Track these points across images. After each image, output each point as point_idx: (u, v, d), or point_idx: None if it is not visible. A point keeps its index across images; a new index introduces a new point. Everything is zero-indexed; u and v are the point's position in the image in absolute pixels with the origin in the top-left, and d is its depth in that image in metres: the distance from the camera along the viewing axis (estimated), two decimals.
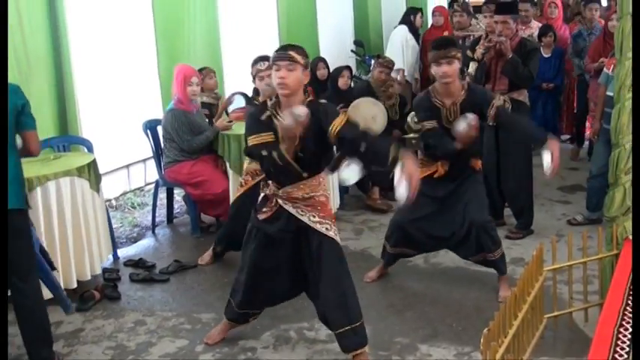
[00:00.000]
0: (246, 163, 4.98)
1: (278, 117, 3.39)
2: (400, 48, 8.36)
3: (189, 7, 6.68)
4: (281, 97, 3.44)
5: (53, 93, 5.45)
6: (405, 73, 7.88)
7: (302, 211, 3.55)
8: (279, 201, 3.56)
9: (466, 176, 4.43)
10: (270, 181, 3.59)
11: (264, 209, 3.61)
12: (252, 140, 3.45)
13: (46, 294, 4.44)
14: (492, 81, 5.44)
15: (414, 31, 8.59)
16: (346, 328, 3.58)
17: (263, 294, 3.83)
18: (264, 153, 3.40)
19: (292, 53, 3.37)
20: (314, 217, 3.55)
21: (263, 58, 5.55)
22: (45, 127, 5.33)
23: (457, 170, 4.42)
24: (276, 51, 3.44)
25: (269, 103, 3.50)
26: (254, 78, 5.32)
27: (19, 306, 3.65)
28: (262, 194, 3.65)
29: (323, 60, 7.28)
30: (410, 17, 8.68)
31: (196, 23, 6.76)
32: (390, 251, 4.74)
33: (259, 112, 3.51)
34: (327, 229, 3.56)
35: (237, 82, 7.15)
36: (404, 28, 8.55)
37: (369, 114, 6.45)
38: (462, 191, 4.41)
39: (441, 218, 4.46)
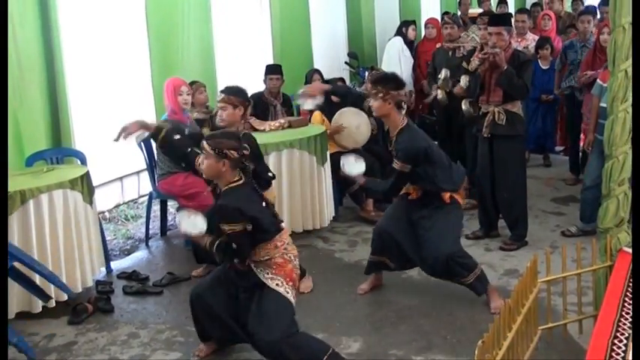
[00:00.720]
0: None
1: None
2: (397, 59, 8.37)
3: (183, 20, 6.69)
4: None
5: (46, 105, 5.45)
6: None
7: (259, 269, 3.67)
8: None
9: (439, 206, 4.46)
10: None
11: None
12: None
13: (37, 306, 4.43)
14: (487, 92, 5.45)
15: (407, 42, 8.62)
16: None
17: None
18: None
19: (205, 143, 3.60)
20: (267, 273, 3.65)
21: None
22: (38, 138, 5.33)
23: (428, 198, 4.48)
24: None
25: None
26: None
27: None
28: None
29: (318, 71, 7.32)
30: (402, 29, 8.72)
31: (190, 35, 6.77)
32: (370, 259, 4.78)
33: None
34: (277, 284, 3.64)
35: None
36: (399, 39, 8.58)
37: (353, 124, 6.48)
38: (434, 220, 4.44)
39: (413, 241, 4.50)
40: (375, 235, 4.69)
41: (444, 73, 6.65)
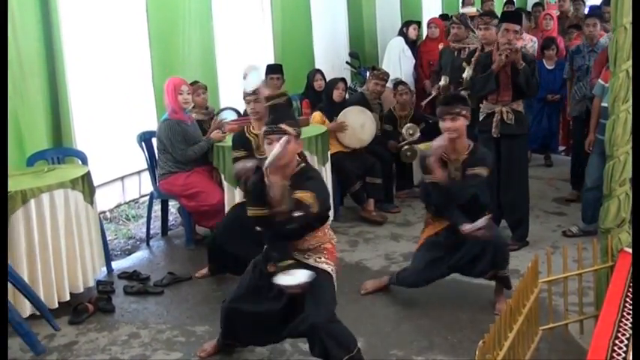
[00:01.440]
0: None
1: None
2: (397, 59, 8.38)
3: (184, 19, 6.70)
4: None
5: (47, 105, 5.45)
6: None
7: (307, 255, 3.65)
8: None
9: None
10: None
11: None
12: (253, 212, 3.51)
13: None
14: (497, 91, 5.39)
15: (410, 42, 8.61)
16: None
17: (244, 330, 3.80)
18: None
19: (284, 126, 3.43)
20: (319, 258, 3.65)
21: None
22: (39, 138, 5.34)
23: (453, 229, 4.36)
24: (268, 125, 3.48)
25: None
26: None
27: None
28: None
29: (320, 71, 7.35)
30: (404, 29, 8.73)
31: (191, 35, 6.78)
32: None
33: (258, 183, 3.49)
34: (331, 269, 3.66)
35: (232, 94, 7.16)
36: (400, 39, 8.59)
37: (358, 122, 6.49)
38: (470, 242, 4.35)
39: (454, 253, 4.39)
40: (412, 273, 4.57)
41: (443, 81, 6.66)
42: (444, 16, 9.26)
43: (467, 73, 5.57)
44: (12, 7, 4.97)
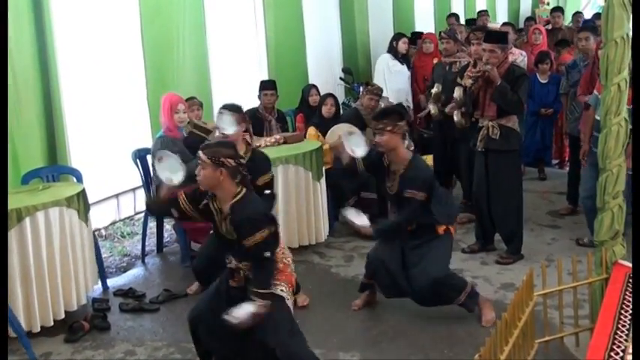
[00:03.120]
0: None
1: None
2: (382, 76, 8.38)
3: (179, 37, 6.72)
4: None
5: (42, 122, 5.45)
6: (391, 100, 7.87)
7: None
8: (242, 273, 3.57)
9: (432, 237, 4.48)
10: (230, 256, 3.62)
11: (234, 279, 3.62)
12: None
13: (36, 325, 4.42)
14: (481, 108, 5.48)
15: (402, 56, 8.58)
16: None
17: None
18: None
19: (200, 153, 3.52)
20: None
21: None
22: (34, 156, 5.33)
23: (422, 230, 4.49)
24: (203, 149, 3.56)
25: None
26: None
27: None
28: (228, 266, 3.65)
29: (315, 87, 7.41)
30: (393, 43, 8.67)
31: (185, 52, 6.80)
32: (362, 280, 4.84)
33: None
34: (281, 290, 3.61)
35: None
36: (385, 56, 8.57)
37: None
38: (425, 250, 4.45)
39: (405, 272, 4.49)
40: (368, 260, 4.72)
41: (435, 89, 6.70)
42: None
43: (457, 93, 5.63)
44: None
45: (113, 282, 5.55)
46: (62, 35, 5.64)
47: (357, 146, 4.58)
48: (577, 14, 10.19)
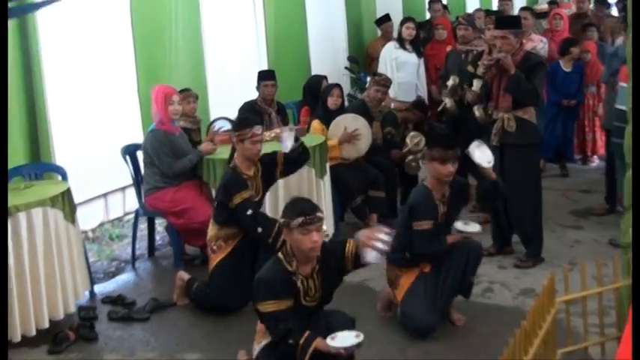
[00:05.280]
0: (215, 230, 4.96)
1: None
2: (387, 67, 8.28)
3: (171, 24, 6.71)
4: (305, 256, 3.68)
5: (23, 116, 5.44)
6: (393, 95, 7.79)
7: None
8: None
9: None
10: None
11: None
12: (269, 306, 3.61)
13: (16, 335, 4.41)
14: (495, 99, 5.46)
15: (410, 43, 8.43)
16: None
17: None
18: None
19: (320, 215, 3.63)
20: None
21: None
22: (15, 153, 5.31)
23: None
24: (305, 215, 3.57)
25: (290, 267, 3.69)
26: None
27: None
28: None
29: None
30: (401, 29, 8.54)
31: (178, 40, 6.79)
32: None
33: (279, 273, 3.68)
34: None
35: (222, 102, 7.17)
36: (391, 44, 8.44)
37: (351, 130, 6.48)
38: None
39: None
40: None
41: (451, 81, 6.66)
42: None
43: (477, 85, 5.59)
44: None
45: (101, 288, 5.53)
46: (46, 22, 5.62)
47: (483, 155, 4.69)
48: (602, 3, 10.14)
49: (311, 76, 7.73)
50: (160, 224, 6.55)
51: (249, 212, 4.74)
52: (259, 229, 4.73)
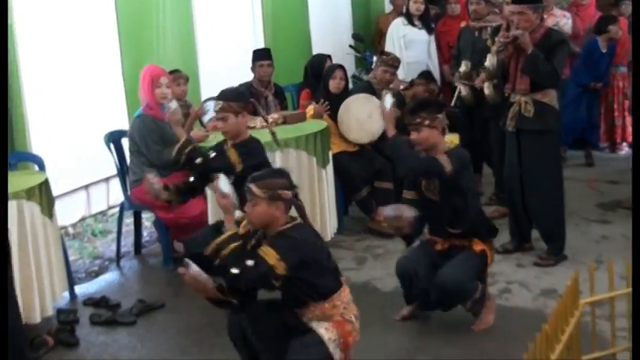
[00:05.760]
0: None
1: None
2: (395, 46, 8.24)
3: (158, 1, 6.68)
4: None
5: None
6: (402, 76, 7.76)
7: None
8: None
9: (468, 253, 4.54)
10: None
11: None
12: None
13: None
14: (512, 80, 5.44)
15: (420, 19, 8.38)
16: None
17: None
18: None
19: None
20: (319, 324, 3.69)
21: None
22: None
23: (456, 250, 4.54)
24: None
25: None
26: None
27: None
28: None
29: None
30: (408, 3, 8.49)
31: (166, 18, 6.78)
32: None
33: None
34: (326, 330, 3.70)
35: (215, 85, 7.14)
36: (399, 21, 8.41)
37: (364, 113, 6.48)
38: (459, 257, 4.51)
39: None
40: (399, 270, 4.67)
41: (463, 67, 6.64)
42: None
43: (489, 61, 5.57)
44: None
45: (82, 289, 5.54)
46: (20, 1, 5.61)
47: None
48: None
49: (314, 56, 7.71)
50: (147, 219, 6.55)
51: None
52: None
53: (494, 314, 4.58)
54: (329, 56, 7.40)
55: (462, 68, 6.69)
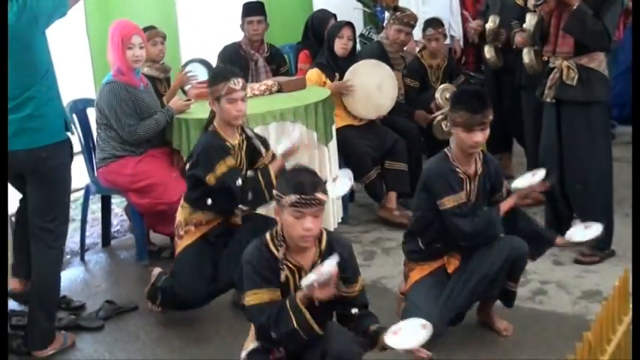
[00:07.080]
0: (186, 213, 4.88)
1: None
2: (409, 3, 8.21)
3: None
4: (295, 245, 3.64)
5: None
6: (418, 37, 7.73)
7: None
8: None
9: None
10: None
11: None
12: (251, 298, 3.60)
13: None
14: (553, 41, 5.40)
15: None
16: None
17: None
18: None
19: (321, 197, 3.54)
20: None
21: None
22: None
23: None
24: (301, 193, 3.51)
25: (279, 253, 3.66)
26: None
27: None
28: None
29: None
30: None
31: None
32: None
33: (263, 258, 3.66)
34: None
35: (197, 45, 7.14)
36: None
37: (373, 82, 6.43)
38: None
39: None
40: None
41: (490, 23, 6.61)
42: None
43: (529, 22, 5.53)
44: None
45: None
46: None
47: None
48: None
49: (316, 11, 7.68)
50: (117, 205, 6.56)
51: (239, 182, 4.64)
52: (250, 196, 4.70)
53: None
54: (334, 15, 7.35)
55: (489, 25, 6.67)
